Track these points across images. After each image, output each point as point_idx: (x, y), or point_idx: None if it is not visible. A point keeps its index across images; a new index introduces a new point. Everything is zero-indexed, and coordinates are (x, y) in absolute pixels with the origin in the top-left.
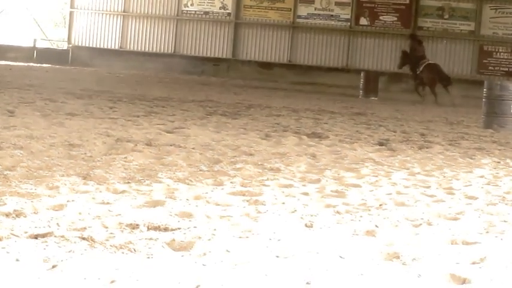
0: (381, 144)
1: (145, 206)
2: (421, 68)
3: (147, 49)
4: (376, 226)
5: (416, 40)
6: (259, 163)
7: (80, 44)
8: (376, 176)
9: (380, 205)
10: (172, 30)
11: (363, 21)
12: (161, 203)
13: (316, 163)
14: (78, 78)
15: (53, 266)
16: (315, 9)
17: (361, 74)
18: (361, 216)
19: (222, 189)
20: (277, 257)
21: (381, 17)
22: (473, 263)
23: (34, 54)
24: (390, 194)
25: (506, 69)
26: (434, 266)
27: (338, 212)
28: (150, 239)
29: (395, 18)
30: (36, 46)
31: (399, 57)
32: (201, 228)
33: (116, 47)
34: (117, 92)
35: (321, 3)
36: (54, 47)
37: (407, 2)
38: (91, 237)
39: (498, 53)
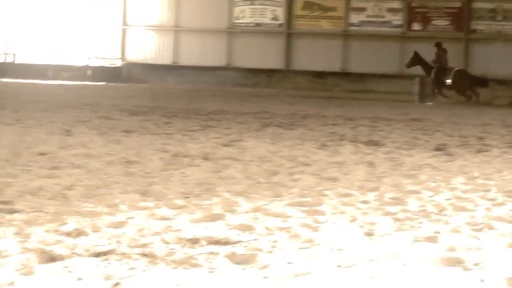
0: (438, 149)
1: (204, 220)
2: (451, 76)
3: (200, 63)
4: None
5: (442, 48)
6: (317, 173)
7: (133, 61)
8: (435, 182)
9: (440, 211)
10: (224, 43)
11: (415, 26)
12: (220, 216)
13: (374, 171)
14: (133, 94)
15: (115, 284)
16: (367, 16)
17: (416, 80)
18: (421, 223)
19: (281, 200)
20: (339, 266)
21: (433, 22)
22: None
23: (88, 73)
24: (450, 199)
25: None
26: (497, 271)
27: (398, 219)
28: (211, 253)
29: (448, 22)
30: (90, 64)
31: (410, 57)
32: (261, 240)
33: (169, 62)
34: (171, 107)
35: (373, 10)
36: (108, 64)
37: (459, 5)
38: (152, 253)
39: None
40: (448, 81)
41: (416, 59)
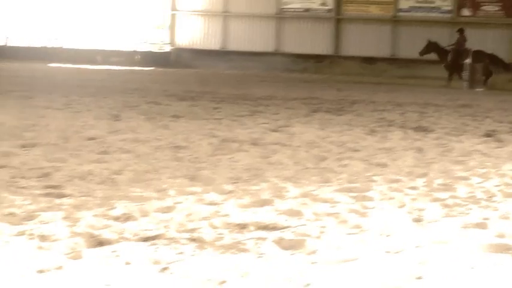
0: (487, 135)
1: (253, 205)
2: (470, 57)
3: (248, 48)
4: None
5: (463, 35)
6: (366, 159)
7: (181, 46)
8: (484, 168)
9: (489, 197)
10: (273, 29)
11: (465, 12)
12: (269, 202)
13: (423, 157)
14: (181, 80)
15: (164, 269)
16: (416, 1)
17: (466, 65)
18: (470, 209)
19: (329, 186)
20: (387, 252)
21: (483, 7)
22: None
23: (137, 58)
24: (499, 185)
25: None
26: None
27: (447, 205)
28: (259, 238)
29: (498, 8)
30: (139, 49)
31: (425, 46)
32: (309, 226)
33: (218, 48)
34: (220, 93)
35: None
36: (156, 49)
37: None
38: (200, 238)
39: None
40: (468, 60)
41: (431, 47)
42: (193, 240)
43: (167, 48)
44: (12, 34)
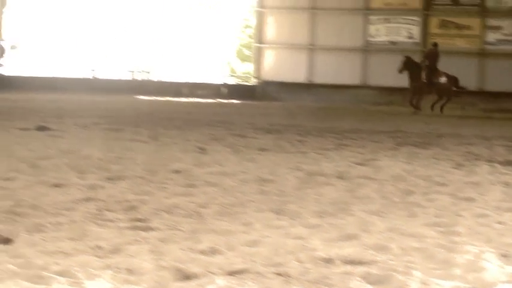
0: None
1: (339, 239)
2: (442, 79)
3: (334, 81)
4: None
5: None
6: (452, 193)
7: (267, 79)
8: None
9: None
10: (359, 62)
11: None
12: (355, 236)
13: (511, 191)
14: (267, 112)
15: None
16: (503, 34)
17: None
18: None
19: (416, 220)
20: None
21: None
22: None
23: (223, 91)
24: None
25: None
26: None
27: None
28: (346, 273)
29: None
30: (225, 82)
31: (401, 62)
32: (396, 260)
33: (304, 80)
34: (306, 126)
35: (508, 29)
36: (242, 82)
37: None
38: (286, 272)
39: None
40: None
41: (409, 65)
42: (279, 274)
43: (253, 81)
44: (98, 67)
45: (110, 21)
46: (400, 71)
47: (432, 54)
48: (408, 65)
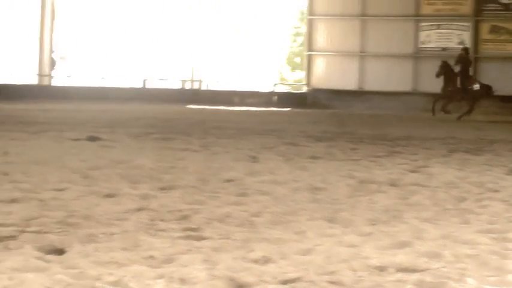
0: None
1: (392, 247)
2: (475, 86)
3: (385, 88)
4: None
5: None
6: (506, 199)
7: (318, 86)
8: None
9: None
10: (410, 68)
11: None
12: (408, 243)
13: None
14: (318, 120)
15: None
16: None
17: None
18: None
19: (469, 227)
20: None
21: None
22: None
23: (273, 99)
24: None
25: None
26: None
27: None
28: (399, 280)
29: None
30: (275, 90)
31: (439, 66)
32: (449, 268)
33: (354, 88)
34: (357, 133)
35: None
36: (293, 90)
37: None
38: (340, 281)
39: None
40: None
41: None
42: (332, 283)
43: (304, 89)
44: (149, 76)
45: (161, 30)
46: (438, 76)
47: (463, 60)
48: (445, 70)
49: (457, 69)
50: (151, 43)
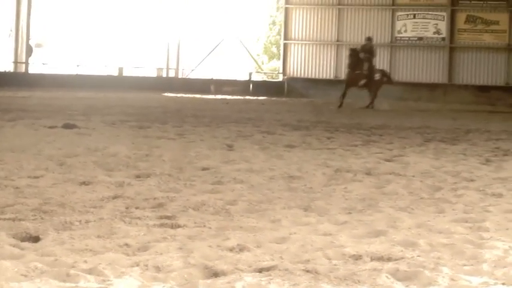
0: None
1: (367, 236)
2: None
3: None
4: None
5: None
6: (481, 189)
7: (294, 75)
8: None
9: None
10: (386, 58)
11: None
12: (383, 232)
13: None
14: (295, 109)
15: None
16: None
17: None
18: None
19: (444, 216)
20: (503, 284)
21: None
22: None
23: (250, 87)
24: None
25: None
26: None
27: None
28: (374, 269)
29: None
30: (252, 79)
31: (349, 56)
32: (424, 257)
33: (331, 77)
34: (333, 122)
35: None
36: (269, 79)
37: None
38: (315, 269)
39: None
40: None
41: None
42: (308, 271)
43: (280, 78)
44: (124, 64)
45: (135, 18)
46: (350, 66)
47: (368, 49)
48: (354, 57)
49: (364, 56)
50: (127, 31)
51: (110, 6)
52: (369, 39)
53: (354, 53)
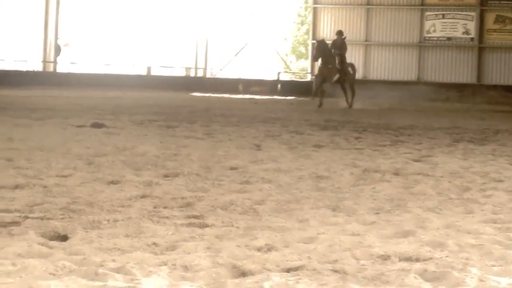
0: None
1: (395, 236)
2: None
3: (390, 77)
4: None
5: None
6: (510, 189)
7: None
8: None
9: None
10: (415, 58)
11: None
12: (411, 232)
13: None
14: (323, 109)
15: None
16: None
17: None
18: None
19: (473, 217)
20: None
21: None
22: None
23: (278, 87)
24: None
25: None
26: None
27: None
28: (402, 270)
29: None
30: (280, 79)
31: (316, 47)
32: (453, 257)
33: (359, 77)
34: (362, 122)
35: None
36: (297, 79)
37: None
38: (343, 269)
39: None
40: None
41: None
42: (335, 271)
43: (308, 78)
44: (154, 64)
45: (163, 17)
46: (316, 59)
47: (339, 44)
48: (322, 50)
49: (336, 52)
50: (155, 30)
51: (138, 6)
52: (340, 33)
53: (321, 44)
